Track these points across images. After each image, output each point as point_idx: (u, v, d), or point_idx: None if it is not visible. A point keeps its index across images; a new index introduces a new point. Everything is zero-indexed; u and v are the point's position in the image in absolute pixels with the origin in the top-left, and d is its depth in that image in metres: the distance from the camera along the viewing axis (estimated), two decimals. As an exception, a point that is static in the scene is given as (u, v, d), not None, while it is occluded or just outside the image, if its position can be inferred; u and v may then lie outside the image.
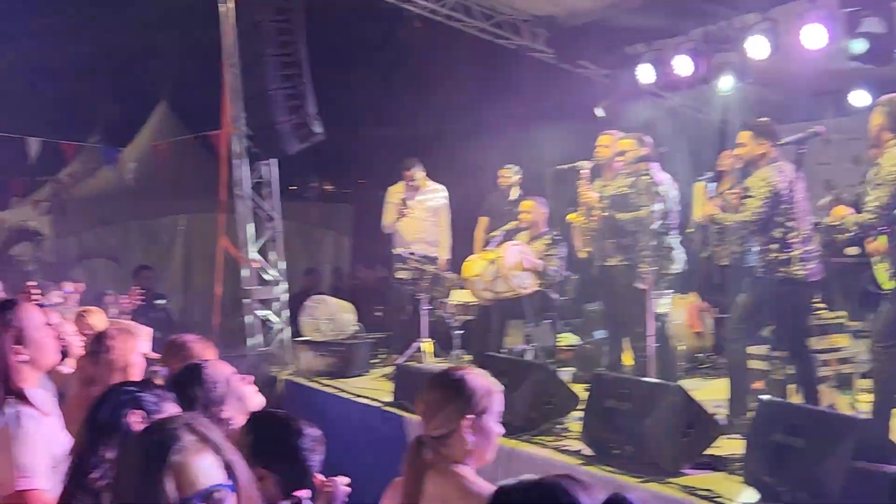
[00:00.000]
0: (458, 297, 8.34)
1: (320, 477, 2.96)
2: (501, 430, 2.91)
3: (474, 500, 2.64)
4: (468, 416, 2.80)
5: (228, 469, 1.77)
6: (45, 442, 2.93)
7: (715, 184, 7.70)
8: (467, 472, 2.78)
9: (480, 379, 2.91)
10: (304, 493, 2.81)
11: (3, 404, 2.95)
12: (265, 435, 2.82)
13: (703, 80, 9.16)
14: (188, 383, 3.04)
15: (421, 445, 2.83)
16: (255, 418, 2.95)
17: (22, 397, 3.00)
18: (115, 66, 17.29)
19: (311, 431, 2.87)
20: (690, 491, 4.39)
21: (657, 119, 9.43)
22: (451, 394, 2.86)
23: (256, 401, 3.27)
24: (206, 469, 1.74)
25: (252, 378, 3.32)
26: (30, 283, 5.78)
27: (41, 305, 4.23)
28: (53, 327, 3.45)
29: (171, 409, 2.54)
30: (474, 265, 7.73)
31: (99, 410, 2.52)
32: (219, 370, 3.14)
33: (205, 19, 10.17)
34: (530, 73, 10.91)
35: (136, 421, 2.45)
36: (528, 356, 7.54)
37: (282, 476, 2.72)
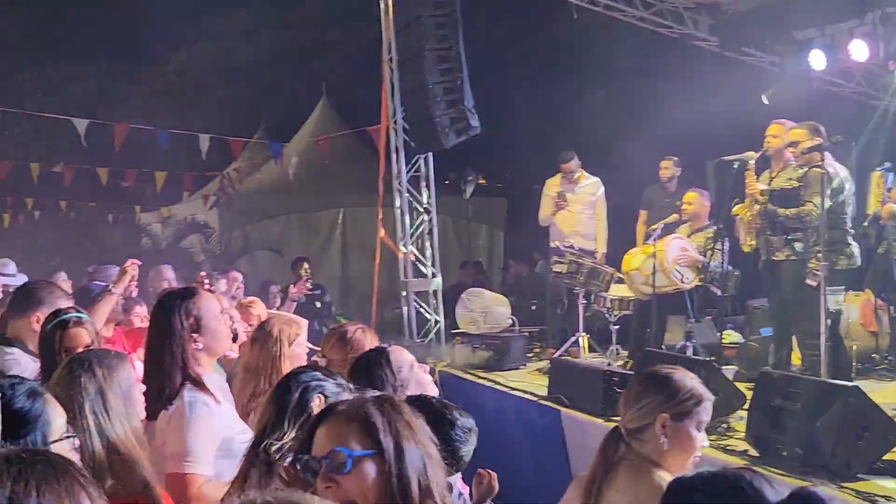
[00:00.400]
0: (616, 291, 8.19)
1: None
2: (705, 440, 2.81)
3: None
4: (664, 414, 2.73)
5: (377, 444, 1.90)
6: (216, 429, 3.05)
7: (892, 175, 7.27)
8: (662, 472, 2.70)
9: (689, 381, 2.83)
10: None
11: (182, 389, 3.09)
12: None
13: (880, 66, 8.64)
14: (376, 365, 3.12)
15: (616, 436, 2.79)
16: (410, 403, 2.95)
17: (199, 384, 3.13)
18: (281, 65, 17.97)
19: (465, 421, 2.82)
20: (867, 497, 4.15)
21: (830, 107, 8.96)
22: (653, 387, 2.81)
23: (432, 389, 3.31)
24: (341, 437, 1.90)
25: (429, 367, 3.35)
26: (201, 274, 6.03)
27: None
28: (227, 315, 3.58)
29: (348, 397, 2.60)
30: (633, 259, 7.58)
31: (286, 392, 2.62)
32: (403, 355, 3.22)
33: (365, 16, 10.40)
34: (692, 61, 10.59)
35: (318, 405, 2.54)
36: (689, 353, 7.32)
37: None
